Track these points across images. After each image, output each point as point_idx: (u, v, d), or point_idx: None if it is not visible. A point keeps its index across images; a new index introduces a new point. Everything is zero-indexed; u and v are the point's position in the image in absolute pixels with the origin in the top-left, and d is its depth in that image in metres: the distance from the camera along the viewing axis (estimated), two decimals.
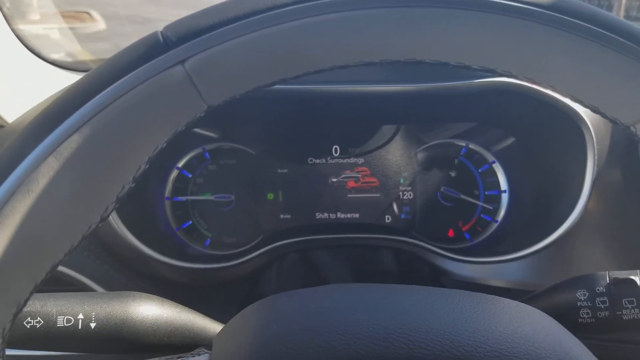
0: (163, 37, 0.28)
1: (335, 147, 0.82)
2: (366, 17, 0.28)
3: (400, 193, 0.83)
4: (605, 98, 0.28)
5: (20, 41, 0.83)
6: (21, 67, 0.83)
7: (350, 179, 0.82)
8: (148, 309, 0.42)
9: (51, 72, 0.86)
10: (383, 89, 0.70)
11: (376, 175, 0.82)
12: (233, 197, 0.82)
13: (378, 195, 0.83)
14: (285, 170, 0.82)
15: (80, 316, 0.40)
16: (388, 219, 0.83)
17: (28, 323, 0.39)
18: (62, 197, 0.27)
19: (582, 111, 0.69)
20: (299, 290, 0.37)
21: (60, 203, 0.27)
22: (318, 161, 0.82)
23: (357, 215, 0.83)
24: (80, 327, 0.40)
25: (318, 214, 0.82)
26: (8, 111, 0.75)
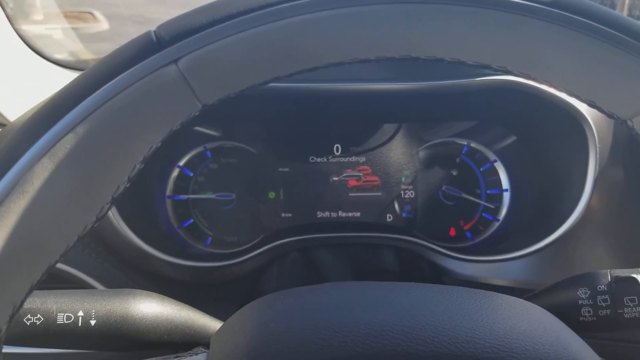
0: (156, 36, 0.28)
1: (336, 146, 0.82)
2: (360, 14, 0.27)
3: (401, 192, 0.83)
4: (601, 92, 0.28)
5: (23, 41, 0.84)
6: (23, 67, 0.83)
7: (351, 178, 0.82)
8: (148, 307, 0.42)
9: (53, 72, 0.86)
10: (385, 88, 0.70)
11: (377, 174, 0.82)
12: (234, 196, 0.82)
13: (379, 194, 0.82)
14: (286, 169, 0.82)
15: (80, 313, 0.40)
16: (389, 218, 0.83)
17: (28, 320, 0.39)
18: (57, 198, 0.27)
19: (584, 109, 0.68)
20: (296, 288, 0.37)
21: (55, 204, 0.27)
22: (319, 160, 0.82)
23: (359, 214, 0.83)
24: (80, 325, 0.40)
25: (319, 213, 0.82)
26: (10, 110, 0.75)
